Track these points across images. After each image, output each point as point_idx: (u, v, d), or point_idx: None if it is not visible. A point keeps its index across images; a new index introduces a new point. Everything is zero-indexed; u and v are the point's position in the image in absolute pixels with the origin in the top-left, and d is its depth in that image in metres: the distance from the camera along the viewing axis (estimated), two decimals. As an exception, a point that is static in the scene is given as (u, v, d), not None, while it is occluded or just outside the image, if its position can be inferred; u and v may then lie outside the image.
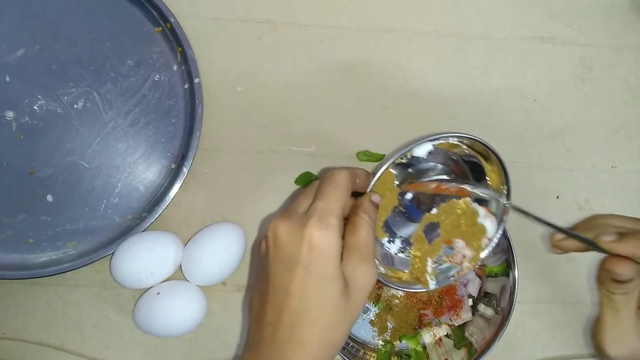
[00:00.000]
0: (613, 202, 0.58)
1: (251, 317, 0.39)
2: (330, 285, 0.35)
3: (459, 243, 0.46)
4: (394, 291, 0.53)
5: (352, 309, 0.36)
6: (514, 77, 0.58)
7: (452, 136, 0.43)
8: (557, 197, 0.58)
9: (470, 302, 0.55)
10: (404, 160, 0.44)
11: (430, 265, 0.46)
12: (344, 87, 0.56)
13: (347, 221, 0.39)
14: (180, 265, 0.51)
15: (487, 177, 0.46)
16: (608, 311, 0.41)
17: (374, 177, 0.42)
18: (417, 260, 0.45)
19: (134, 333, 0.52)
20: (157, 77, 0.54)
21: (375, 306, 0.55)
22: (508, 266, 0.52)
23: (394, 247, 0.46)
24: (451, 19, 0.58)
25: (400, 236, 0.47)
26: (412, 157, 0.44)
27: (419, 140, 0.43)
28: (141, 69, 0.54)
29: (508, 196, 0.45)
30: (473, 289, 0.54)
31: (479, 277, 0.55)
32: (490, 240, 0.46)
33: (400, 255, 0.46)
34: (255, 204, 0.54)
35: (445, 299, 0.54)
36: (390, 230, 0.46)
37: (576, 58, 0.59)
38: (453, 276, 0.46)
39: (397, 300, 0.54)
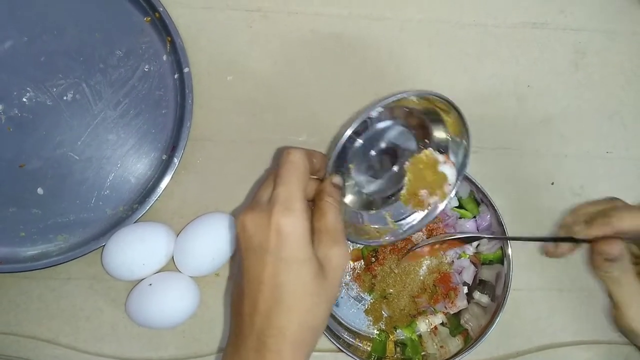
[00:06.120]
0: (608, 188, 0.58)
1: (231, 311, 0.39)
2: (303, 269, 0.35)
3: (424, 193, 0.46)
4: (388, 280, 0.53)
5: (328, 291, 0.36)
6: (507, 64, 0.58)
7: (404, 97, 0.42)
8: (552, 184, 0.58)
9: (466, 289, 0.54)
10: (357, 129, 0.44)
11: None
12: (336, 75, 0.56)
13: (314, 206, 0.39)
14: (173, 257, 0.51)
15: (446, 127, 0.46)
16: (615, 291, 0.42)
17: (330, 159, 0.41)
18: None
19: (127, 325, 0.52)
20: (146, 67, 0.54)
21: (369, 295, 0.54)
22: (503, 253, 0.52)
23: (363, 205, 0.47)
24: (443, 6, 0.57)
25: (367, 193, 0.47)
26: (365, 120, 0.44)
27: (368, 111, 0.42)
28: (130, 59, 0.54)
29: (468, 145, 0.46)
30: (468, 276, 0.54)
31: (474, 264, 0.54)
32: (451, 185, 0.46)
33: (372, 212, 0.47)
34: (247, 193, 0.54)
35: (440, 286, 0.53)
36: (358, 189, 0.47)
37: (570, 44, 0.59)
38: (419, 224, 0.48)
39: (391, 289, 0.53)
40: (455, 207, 0.54)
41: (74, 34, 0.53)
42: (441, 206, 0.47)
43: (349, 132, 0.41)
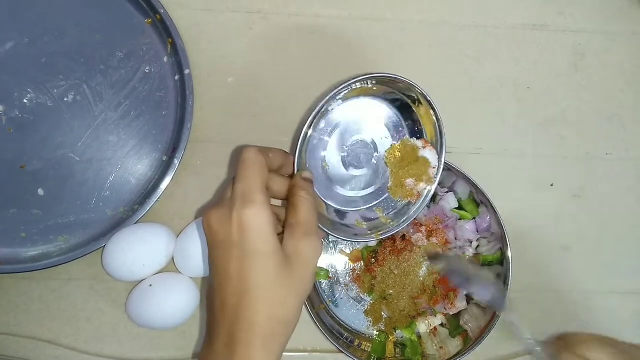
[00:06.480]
0: (607, 190, 0.58)
1: (207, 309, 0.39)
2: (267, 261, 0.35)
3: (410, 182, 0.46)
4: (388, 281, 0.53)
5: (298, 284, 0.36)
6: (507, 65, 0.58)
7: (357, 81, 0.43)
8: (552, 185, 0.58)
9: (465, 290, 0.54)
10: (322, 126, 0.45)
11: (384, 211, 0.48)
12: (335, 77, 0.56)
13: (287, 203, 0.40)
14: (173, 257, 0.51)
15: (417, 112, 0.47)
16: None
17: (294, 155, 0.42)
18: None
19: (128, 326, 0.52)
20: (147, 69, 0.54)
21: (369, 296, 0.54)
22: (502, 255, 0.52)
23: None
24: (443, 7, 0.58)
25: (352, 190, 0.48)
26: (327, 116, 0.44)
27: (324, 101, 0.42)
28: (131, 61, 0.54)
29: (439, 123, 0.46)
30: (468, 278, 0.54)
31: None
32: (435, 168, 0.47)
33: (361, 209, 0.48)
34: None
35: (440, 287, 0.53)
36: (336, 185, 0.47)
37: (569, 45, 0.59)
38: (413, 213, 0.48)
39: (391, 290, 0.53)
40: (455, 208, 0.54)
41: (75, 35, 0.53)
42: (432, 190, 0.47)
43: (306, 127, 0.41)
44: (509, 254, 0.51)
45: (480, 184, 0.51)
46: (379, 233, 0.47)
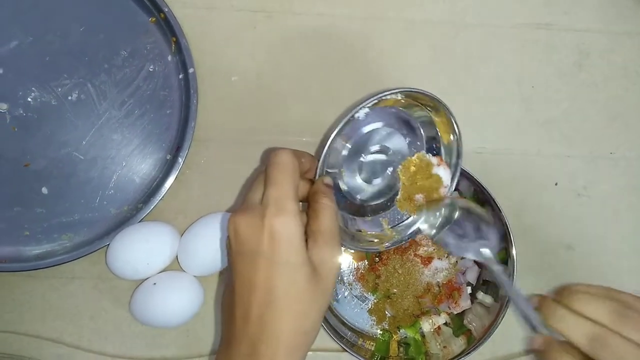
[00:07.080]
0: (611, 189, 0.58)
1: (223, 315, 0.38)
2: (296, 272, 0.34)
3: (419, 197, 0.46)
4: (392, 280, 0.53)
5: (322, 295, 0.36)
6: (511, 65, 0.58)
7: (387, 95, 0.42)
8: (556, 184, 0.58)
9: (469, 290, 0.54)
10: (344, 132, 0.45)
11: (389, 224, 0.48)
12: (339, 77, 0.56)
13: (308, 209, 0.39)
14: (177, 256, 0.51)
15: (437, 128, 0.46)
16: None
17: (319, 160, 0.41)
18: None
19: (131, 324, 0.52)
20: (151, 67, 0.54)
21: (373, 295, 0.54)
22: (506, 254, 0.52)
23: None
24: (446, 6, 0.58)
25: (362, 199, 0.47)
26: (352, 123, 0.44)
27: (354, 110, 0.42)
28: (135, 59, 0.54)
29: (459, 144, 0.45)
30: (472, 276, 0.54)
31: (478, 264, 0.54)
32: (447, 187, 0.46)
33: (368, 218, 0.47)
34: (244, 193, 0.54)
35: (444, 287, 0.53)
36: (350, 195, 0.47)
37: (573, 45, 0.59)
38: (418, 228, 0.47)
39: (395, 289, 0.53)
40: (459, 207, 0.54)
41: (79, 34, 0.53)
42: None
43: (334, 133, 0.41)
44: (514, 252, 0.51)
45: (483, 183, 0.51)
46: (383, 245, 0.46)
